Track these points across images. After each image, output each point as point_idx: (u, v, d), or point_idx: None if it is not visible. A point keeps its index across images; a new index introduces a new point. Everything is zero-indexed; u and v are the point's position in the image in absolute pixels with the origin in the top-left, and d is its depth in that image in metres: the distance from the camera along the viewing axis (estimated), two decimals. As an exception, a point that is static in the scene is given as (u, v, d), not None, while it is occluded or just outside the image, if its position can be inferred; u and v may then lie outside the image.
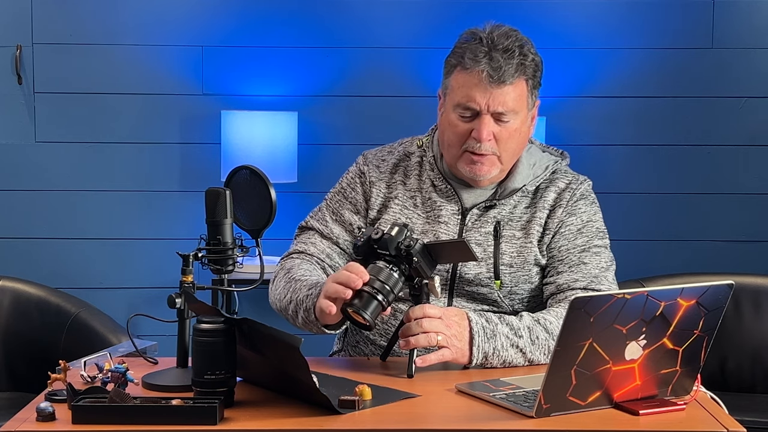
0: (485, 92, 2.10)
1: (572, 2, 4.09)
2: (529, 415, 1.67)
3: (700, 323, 1.71)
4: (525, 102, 2.14)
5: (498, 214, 2.19)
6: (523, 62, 2.11)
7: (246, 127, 3.89)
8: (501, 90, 2.09)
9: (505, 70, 2.08)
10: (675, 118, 4.14)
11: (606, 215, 2.28)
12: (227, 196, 1.91)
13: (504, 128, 2.12)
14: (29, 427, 1.64)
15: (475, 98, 2.10)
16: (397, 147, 2.32)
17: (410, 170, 2.26)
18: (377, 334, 2.21)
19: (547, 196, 2.21)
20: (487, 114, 2.11)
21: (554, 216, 2.19)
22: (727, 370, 3.12)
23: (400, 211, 2.22)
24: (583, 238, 2.18)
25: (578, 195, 2.21)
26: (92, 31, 4.07)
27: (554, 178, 2.23)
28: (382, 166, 2.28)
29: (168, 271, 3.52)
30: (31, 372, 2.96)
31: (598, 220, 2.23)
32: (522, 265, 2.17)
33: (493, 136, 2.12)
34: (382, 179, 2.26)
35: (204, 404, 1.65)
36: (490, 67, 2.08)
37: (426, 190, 2.23)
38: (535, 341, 2.03)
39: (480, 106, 2.11)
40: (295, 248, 2.27)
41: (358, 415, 1.70)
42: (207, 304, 1.83)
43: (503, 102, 2.10)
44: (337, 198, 2.29)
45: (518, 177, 2.21)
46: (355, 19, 4.06)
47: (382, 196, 2.25)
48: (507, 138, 2.13)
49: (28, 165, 4.10)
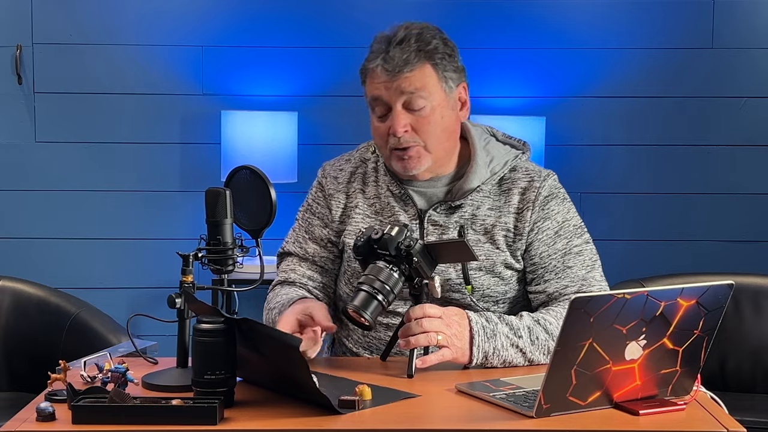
0: (386, 84, 2.11)
1: (572, 2, 4.09)
2: (529, 415, 1.67)
3: (700, 323, 1.71)
4: (436, 85, 2.12)
5: (460, 218, 2.17)
6: (423, 48, 2.11)
7: (246, 127, 3.89)
8: (400, 78, 2.10)
9: (399, 59, 2.09)
10: (675, 118, 4.14)
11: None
12: (227, 196, 1.91)
13: (419, 116, 2.12)
14: (29, 427, 1.64)
15: (379, 92, 2.12)
16: (355, 154, 2.32)
17: (368, 177, 2.26)
18: (352, 342, 2.22)
19: (511, 199, 2.18)
20: (397, 105, 2.12)
21: (523, 219, 2.16)
22: (727, 370, 3.12)
23: (362, 220, 2.21)
24: (563, 241, 2.16)
25: (544, 194, 2.17)
26: (92, 31, 4.07)
27: (515, 177, 2.20)
28: (339, 176, 2.28)
29: (168, 271, 3.52)
30: (31, 372, 2.96)
31: (573, 216, 2.20)
32: (491, 268, 2.16)
33: (411, 128, 2.12)
34: (340, 190, 2.26)
35: (204, 404, 1.65)
36: (384, 61, 2.10)
37: (384, 196, 2.22)
38: (535, 341, 2.03)
39: (386, 98, 2.12)
40: (278, 279, 2.30)
41: (358, 415, 1.70)
42: (207, 304, 1.83)
43: (406, 87, 2.10)
44: (306, 216, 2.30)
45: (473, 177, 2.17)
46: (354, 19, 4.06)
47: (342, 207, 2.25)
48: (425, 125, 2.12)
49: (28, 165, 4.11)
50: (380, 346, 2.17)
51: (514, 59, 4.04)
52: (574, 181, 4.09)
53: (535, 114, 3.98)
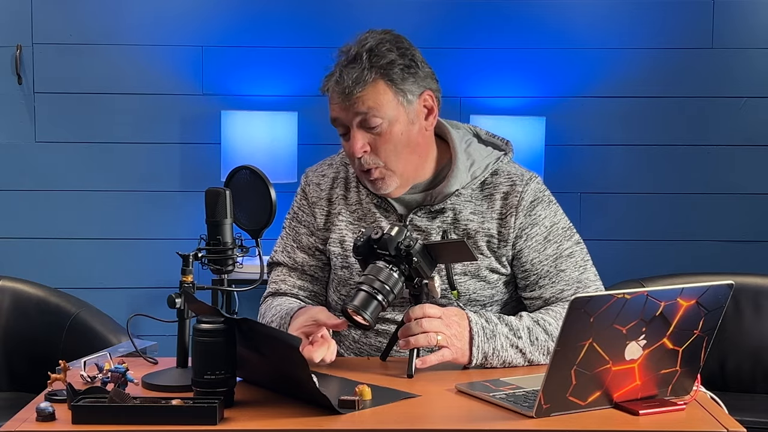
0: (341, 106, 2.08)
1: (572, 2, 4.09)
2: (529, 415, 1.67)
3: (700, 323, 1.71)
4: (391, 101, 2.07)
5: (443, 223, 2.15)
6: (376, 64, 2.06)
7: (246, 127, 3.89)
8: (352, 100, 2.06)
9: (350, 80, 2.05)
10: (675, 118, 4.14)
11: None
12: (227, 196, 1.91)
13: (378, 136, 2.08)
14: (29, 427, 1.64)
15: (336, 115, 2.10)
16: (336, 158, 2.30)
17: (349, 182, 2.23)
18: (344, 348, 2.21)
19: (493, 205, 2.15)
20: (354, 127, 2.08)
21: (507, 225, 2.14)
22: (727, 370, 3.12)
23: (346, 227, 2.20)
24: (553, 246, 2.14)
25: (529, 199, 2.14)
26: (92, 31, 4.07)
27: (497, 182, 2.16)
28: (322, 182, 2.26)
29: (168, 271, 3.52)
30: (31, 372, 2.96)
31: (560, 219, 2.17)
32: (476, 273, 2.14)
33: (370, 147, 2.09)
34: (323, 197, 2.24)
35: (204, 404, 1.65)
36: (336, 83, 2.07)
37: (365, 202, 2.20)
38: (535, 342, 2.03)
39: (342, 119, 2.09)
40: (269, 291, 2.28)
41: (358, 415, 1.70)
42: (207, 304, 1.83)
43: (359, 107, 2.06)
44: (293, 225, 2.28)
45: (453, 181, 2.14)
46: (354, 19, 4.06)
47: (324, 214, 2.23)
48: (384, 144, 2.08)
49: (28, 165, 4.11)
50: (372, 353, 2.17)
51: (514, 59, 4.04)
52: (574, 181, 4.11)
53: (535, 114, 3.98)
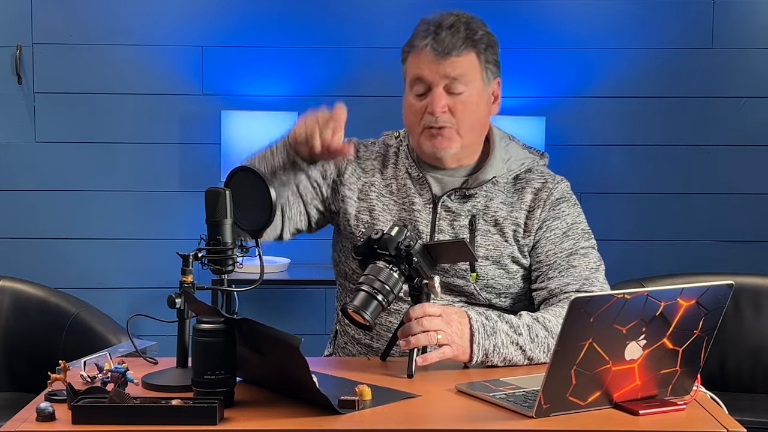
0: (432, 65, 2.15)
1: (572, 2, 4.09)
2: (529, 415, 1.67)
3: (700, 323, 1.71)
4: (478, 74, 2.17)
5: (473, 208, 2.20)
6: (471, 36, 2.16)
7: (246, 127, 3.89)
8: (447, 61, 2.14)
9: (449, 43, 2.14)
10: (675, 118, 4.14)
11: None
12: (227, 196, 1.91)
13: (458, 100, 2.16)
14: (29, 427, 1.64)
15: (423, 72, 2.16)
16: (379, 140, 2.37)
17: (388, 160, 2.30)
18: (362, 334, 2.22)
19: (524, 197, 2.21)
20: (439, 86, 2.15)
21: (533, 217, 2.20)
22: (727, 370, 3.12)
23: (377, 198, 2.24)
24: (570, 241, 2.19)
25: (556, 195, 2.22)
26: (92, 31, 4.07)
27: (530, 178, 2.24)
28: (362, 150, 2.33)
29: (168, 271, 3.51)
30: (31, 372, 2.96)
31: (582, 221, 2.24)
32: (498, 259, 2.18)
33: (448, 109, 2.16)
34: (361, 159, 2.30)
35: (204, 404, 1.65)
36: (434, 41, 2.14)
37: (401, 177, 2.26)
38: (535, 339, 2.03)
39: (429, 78, 2.15)
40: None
41: (358, 415, 1.70)
42: (207, 304, 1.83)
43: (451, 72, 2.14)
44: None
45: (490, 169, 2.22)
46: (354, 19, 4.06)
47: (356, 175, 2.28)
48: (462, 110, 2.16)
49: (28, 165, 4.11)
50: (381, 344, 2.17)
51: (514, 59, 4.03)
52: (574, 181, 4.05)
53: (535, 114, 3.98)
